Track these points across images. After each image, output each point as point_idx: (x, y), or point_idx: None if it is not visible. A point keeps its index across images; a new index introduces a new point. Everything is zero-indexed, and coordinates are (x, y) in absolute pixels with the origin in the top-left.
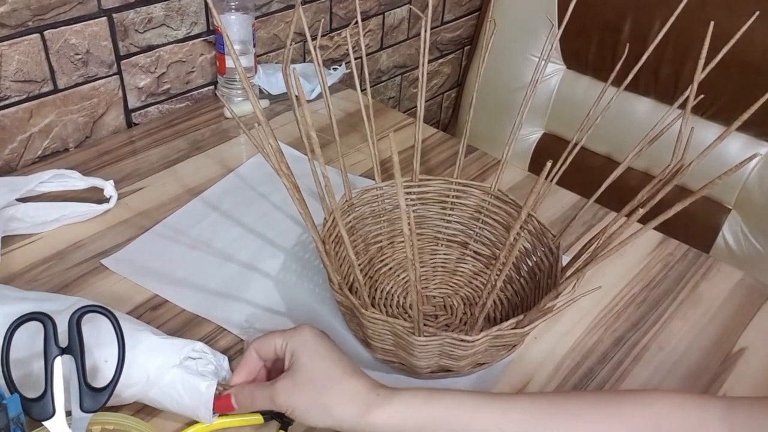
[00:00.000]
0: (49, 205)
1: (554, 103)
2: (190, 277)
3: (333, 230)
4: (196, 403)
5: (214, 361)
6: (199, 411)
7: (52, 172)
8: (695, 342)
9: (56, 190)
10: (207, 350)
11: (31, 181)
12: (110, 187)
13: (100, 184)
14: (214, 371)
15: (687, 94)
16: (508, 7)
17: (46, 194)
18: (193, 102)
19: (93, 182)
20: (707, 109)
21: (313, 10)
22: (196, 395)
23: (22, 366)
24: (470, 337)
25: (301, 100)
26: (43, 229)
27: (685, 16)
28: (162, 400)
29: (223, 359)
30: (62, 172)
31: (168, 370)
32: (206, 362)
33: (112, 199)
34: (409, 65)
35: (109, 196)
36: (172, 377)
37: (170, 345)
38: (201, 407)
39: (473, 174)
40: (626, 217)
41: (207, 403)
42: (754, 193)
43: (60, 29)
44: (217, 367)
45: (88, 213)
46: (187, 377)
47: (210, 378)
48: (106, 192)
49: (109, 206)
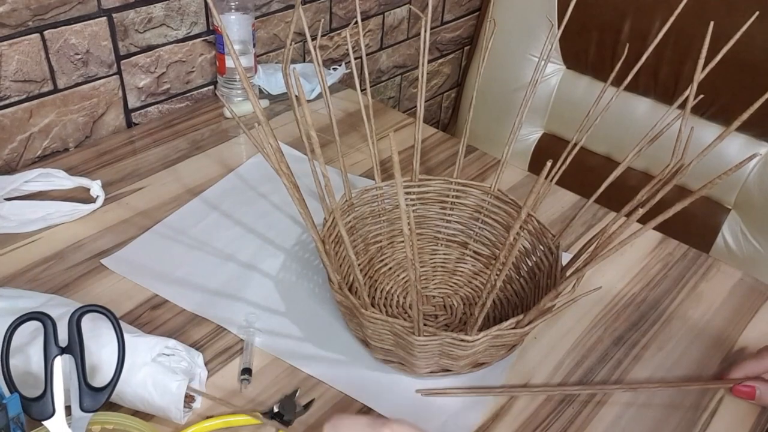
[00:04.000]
0: (34, 204)
1: (554, 103)
2: (189, 276)
3: (333, 230)
4: (167, 404)
5: (188, 357)
6: (169, 412)
7: (37, 170)
8: (695, 342)
9: (43, 189)
10: (180, 347)
11: (17, 180)
12: (97, 186)
13: (86, 184)
14: (186, 369)
15: (686, 94)
16: (508, 7)
17: (36, 193)
18: (193, 102)
19: (80, 182)
20: (707, 109)
21: (312, 10)
22: (167, 395)
23: (22, 365)
24: (470, 337)
25: (301, 100)
26: (30, 228)
27: (685, 16)
28: (133, 399)
29: (197, 356)
30: (48, 171)
31: (140, 369)
32: (179, 359)
33: (99, 199)
34: (408, 65)
35: (95, 196)
36: (144, 376)
37: (142, 343)
38: (171, 407)
39: (473, 174)
40: (626, 217)
41: (177, 403)
42: (753, 193)
43: (60, 29)
44: (190, 363)
45: (74, 213)
46: (158, 377)
47: (181, 377)
48: (92, 192)
49: (96, 206)
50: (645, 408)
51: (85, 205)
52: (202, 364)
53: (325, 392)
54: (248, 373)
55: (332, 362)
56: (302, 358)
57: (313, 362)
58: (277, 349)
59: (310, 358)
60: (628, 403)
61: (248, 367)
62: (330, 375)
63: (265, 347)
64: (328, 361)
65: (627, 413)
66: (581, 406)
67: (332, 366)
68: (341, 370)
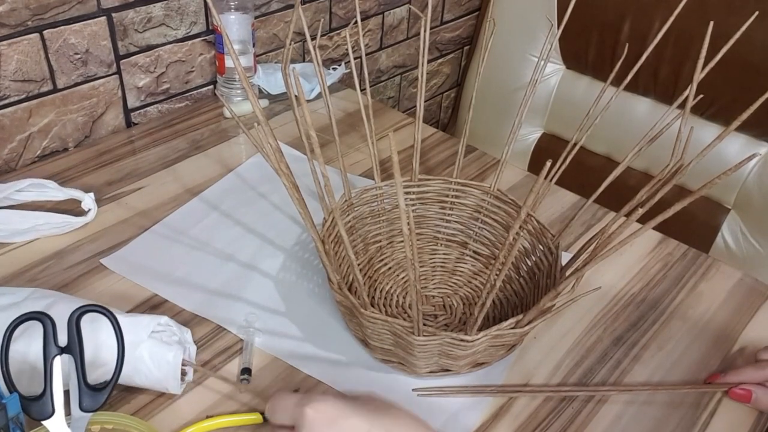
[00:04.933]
0: (25, 214)
1: (554, 103)
2: (189, 276)
3: (332, 230)
4: (164, 374)
5: (179, 333)
6: (167, 382)
7: (28, 180)
8: (694, 342)
9: (35, 199)
10: (171, 323)
11: (7, 189)
12: (89, 199)
13: (78, 196)
14: (179, 341)
15: (686, 94)
16: (508, 7)
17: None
18: (193, 102)
19: (71, 194)
20: (707, 109)
21: (312, 10)
22: (164, 366)
23: (21, 365)
24: (469, 337)
25: (300, 99)
26: (19, 239)
27: (685, 16)
28: (132, 374)
29: (186, 332)
30: (40, 181)
31: (137, 346)
32: (171, 334)
33: (90, 212)
34: (408, 65)
35: (87, 209)
36: (141, 351)
37: (136, 322)
38: (169, 378)
39: (473, 174)
40: (625, 216)
41: (175, 372)
42: (753, 193)
43: (59, 29)
44: (181, 338)
45: (64, 225)
46: (154, 348)
47: (177, 347)
48: (84, 204)
49: (87, 220)
50: (645, 407)
51: (75, 218)
52: (190, 339)
53: (325, 392)
54: (248, 373)
55: (332, 362)
56: (302, 358)
57: (313, 362)
58: (276, 349)
59: (310, 358)
60: (628, 402)
61: (248, 367)
62: (329, 375)
63: (265, 347)
64: (327, 361)
65: (627, 413)
66: (581, 405)
67: (332, 366)
68: (341, 370)
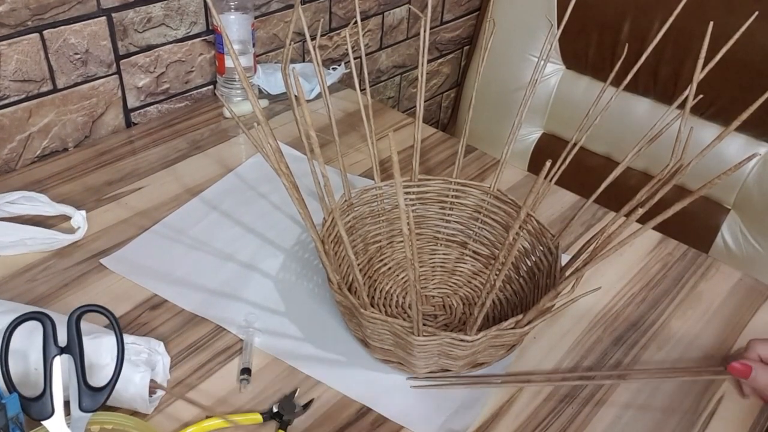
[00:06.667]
0: (13, 227)
1: (553, 103)
2: (189, 276)
3: (332, 230)
4: (132, 396)
5: (147, 347)
6: (135, 403)
7: (20, 193)
8: (694, 342)
9: (28, 212)
10: (139, 341)
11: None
12: (80, 217)
13: (68, 212)
14: (147, 359)
15: (686, 94)
16: (508, 7)
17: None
18: (193, 102)
19: (62, 210)
20: (706, 109)
21: (312, 10)
22: (131, 387)
23: (21, 365)
24: (469, 337)
25: (300, 99)
26: (5, 253)
27: (685, 16)
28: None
29: (157, 344)
30: (31, 194)
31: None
32: (138, 350)
33: (79, 230)
34: (408, 65)
35: (77, 227)
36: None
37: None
38: (137, 398)
39: (472, 174)
40: (625, 216)
41: (142, 393)
42: (753, 193)
43: (59, 29)
44: (150, 352)
45: (52, 242)
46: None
47: (143, 368)
48: (73, 222)
49: (75, 238)
50: (645, 408)
51: (63, 235)
52: (163, 351)
53: (325, 392)
54: (247, 373)
55: (331, 362)
56: (301, 358)
57: (313, 362)
58: (276, 349)
59: (310, 358)
60: (628, 403)
61: (248, 367)
62: (329, 375)
63: (265, 347)
64: (327, 361)
65: (627, 413)
66: (581, 405)
67: (331, 366)
68: (340, 370)
